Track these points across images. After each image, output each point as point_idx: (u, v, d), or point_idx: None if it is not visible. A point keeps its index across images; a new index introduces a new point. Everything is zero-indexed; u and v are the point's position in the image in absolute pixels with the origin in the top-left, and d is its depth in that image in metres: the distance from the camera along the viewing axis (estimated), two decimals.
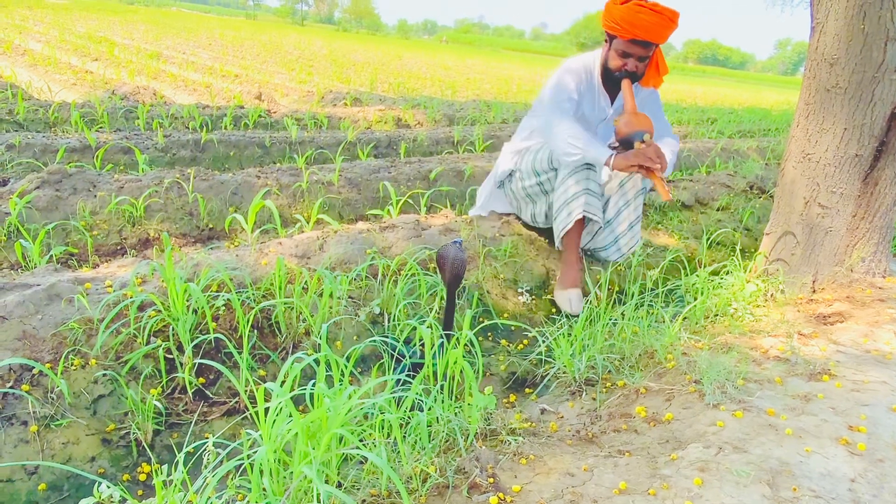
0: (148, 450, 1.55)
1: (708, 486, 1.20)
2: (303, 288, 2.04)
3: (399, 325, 2.06)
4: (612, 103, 2.68)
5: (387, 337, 1.96)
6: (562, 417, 1.67)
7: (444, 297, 2.01)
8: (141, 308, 1.78)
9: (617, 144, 2.50)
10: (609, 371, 1.89)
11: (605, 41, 2.57)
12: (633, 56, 2.49)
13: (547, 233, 2.91)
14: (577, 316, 2.46)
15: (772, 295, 2.49)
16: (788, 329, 2.03)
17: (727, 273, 2.56)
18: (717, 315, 2.25)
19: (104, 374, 1.63)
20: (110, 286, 1.90)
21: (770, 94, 26.91)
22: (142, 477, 1.49)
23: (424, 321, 2.02)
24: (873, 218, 2.43)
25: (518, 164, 2.78)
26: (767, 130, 9.71)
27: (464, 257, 1.89)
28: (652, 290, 2.59)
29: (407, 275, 2.23)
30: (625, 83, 2.53)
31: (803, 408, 1.49)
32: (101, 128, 4.76)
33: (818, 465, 1.27)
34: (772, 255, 2.62)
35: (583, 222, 2.58)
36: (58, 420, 1.51)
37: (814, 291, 2.49)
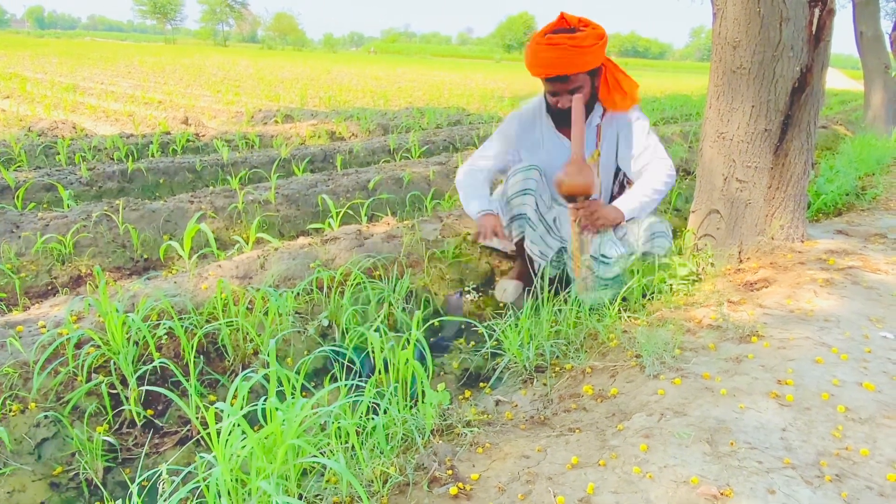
0: (101, 488, 1.51)
1: (653, 450, 1.26)
2: (247, 308, 2.02)
3: (349, 334, 2.06)
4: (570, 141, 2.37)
5: (337, 347, 1.97)
6: (516, 406, 1.71)
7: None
8: (78, 345, 1.73)
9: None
10: (557, 356, 1.95)
11: None
12: (559, 93, 2.24)
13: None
14: (521, 308, 2.52)
15: (703, 269, 2.62)
16: (719, 298, 2.15)
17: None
18: (654, 293, 2.35)
19: (46, 417, 1.58)
20: (44, 326, 1.83)
21: (690, 81, 28.12)
22: None
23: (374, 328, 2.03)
24: (787, 187, 2.59)
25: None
26: (689, 115, 10.14)
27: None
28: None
29: (353, 284, 2.23)
30: (575, 124, 2.21)
31: (736, 369, 1.59)
32: (19, 167, 4.55)
33: (752, 420, 1.36)
34: (699, 231, 2.75)
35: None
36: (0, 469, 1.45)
37: (740, 261, 2.64)
